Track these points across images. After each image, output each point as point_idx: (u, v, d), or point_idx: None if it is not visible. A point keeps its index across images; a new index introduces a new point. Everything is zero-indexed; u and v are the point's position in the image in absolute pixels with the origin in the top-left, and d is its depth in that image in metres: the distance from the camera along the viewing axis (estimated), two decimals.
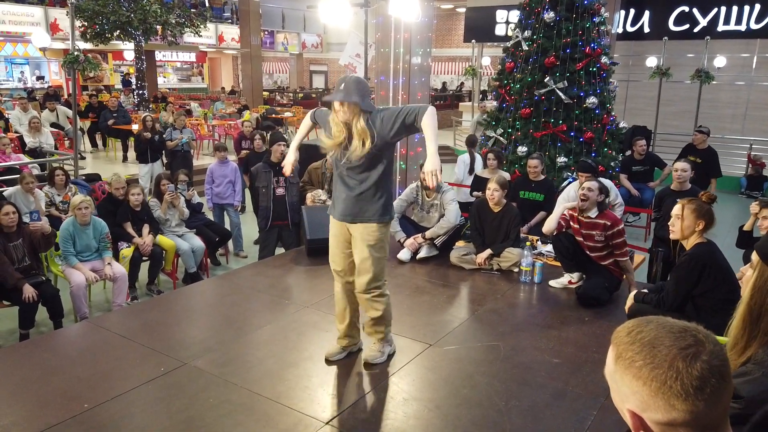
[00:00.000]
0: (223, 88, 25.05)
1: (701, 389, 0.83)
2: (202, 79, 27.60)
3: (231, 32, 21.83)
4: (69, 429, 2.60)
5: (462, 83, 23.65)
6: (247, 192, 8.44)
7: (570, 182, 5.99)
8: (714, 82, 11.46)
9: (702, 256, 3.16)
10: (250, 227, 7.23)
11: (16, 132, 10.15)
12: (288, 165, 3.21)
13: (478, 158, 7.26)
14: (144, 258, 5.36)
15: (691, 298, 3.22)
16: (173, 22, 14.78)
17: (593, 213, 4.13)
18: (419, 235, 4.99)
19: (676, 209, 3.26)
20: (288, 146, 6.55)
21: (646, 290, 3.58)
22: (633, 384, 0.87)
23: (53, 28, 16.61)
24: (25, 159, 8.15)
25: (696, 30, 12.39)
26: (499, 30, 15.19)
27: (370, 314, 3.14)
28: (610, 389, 0.96)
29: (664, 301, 3.28)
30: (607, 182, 5.63)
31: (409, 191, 5.16)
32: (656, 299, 3.35)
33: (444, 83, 24.09)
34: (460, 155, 7.49)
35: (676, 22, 12.66)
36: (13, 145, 8.22)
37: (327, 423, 2.70)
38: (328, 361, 3.25)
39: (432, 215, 5.08)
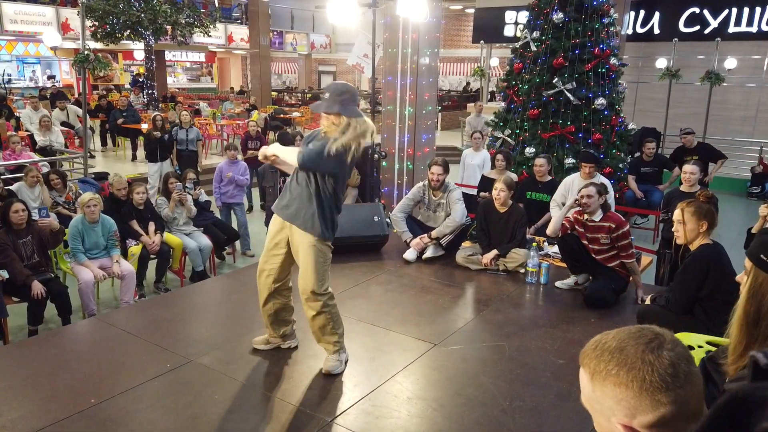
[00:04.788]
0: (231, 88, 25.15)
1: (676, 375, 0.86)
2: (212, 79, 27.72)
3: (240, 32, 21.91)
4: (76, 424, 2.62)
5: (468, 83, 23.63)
6: (255, 191, 8.51)
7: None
8: (724, 84, 11.37)
9: (706, 257, 3.14)
10: (257, 226, 7.26)
11: (26, 130, 10.25)
12: (260, 153, 3.00)
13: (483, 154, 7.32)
14: (152, 256, 5.39)
15: (699, 299, 3.20)
16: (183, 22, 14.86)
17: (597, 216, 4.12)
18: (425, 235, 4.99)
19: (677, 214, 3.25)
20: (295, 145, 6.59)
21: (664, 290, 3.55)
22: (616, 392, 0.89)
23: (64, 28, 16.74)
24: (36, 157, 8.22)
25: (706, 31, 12.30)
26: (508, 31, 15.15)
27: (316, 328, 3.09)
28: (593, 416, 0.96)
29: (671, 302, 3.27)
30: (604, 180, 5.62)
31: (416, 190, 5.17)
32: (664, 300, 3.34)
33: (467, 83, 23.92)
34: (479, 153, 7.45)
35: (687, 24, 12.57)
36: (23, 143, 8.30)
37: (331, 421, 2.71)
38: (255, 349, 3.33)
39: (438, 214, 5.09)
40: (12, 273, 4.31)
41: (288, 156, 2.90)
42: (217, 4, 21.72)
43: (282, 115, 15.62)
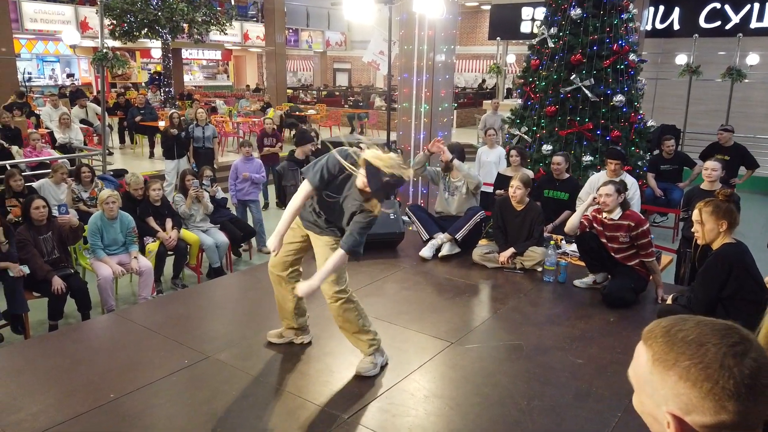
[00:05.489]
0: (247, 85, 25.28)
1: (752, 387, 0.80)
2: (228, 76, 27.88)
3: (256, 30, 22.00)
4: (95, 418, 2.65)
5: (484, 80, 23.52)
6: (271, 188, 8.54)
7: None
8: (746, 81, 11.17)
9: (729, 256, 3.08)
10: (272, 223, 7.27)
11: (46, 128, 10.39)
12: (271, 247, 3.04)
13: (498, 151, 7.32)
14: (169, 252, 5.43)
15: (722, 299, 3.14)
16: (199, 20, 14.95)
17: (616, 214, 4.06)
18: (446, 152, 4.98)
19: (695, 215, 3.19)
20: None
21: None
22: (678, 386, 0.83)
23: (83, 26, 16.93)
24: (55, 154, 8.33)
25: (728, 27, 12.09)
26: (525, 27, 15.05)
27: (344, 326, 3.08)
28: (638, 392, 0.91)
29: (693, 301, 3.22)
30: (630, 179, 5.55)
31: (439, 171, 5.26)
32: (686, 300, 3.29)
33: (483, 80, 23.86)
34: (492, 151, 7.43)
35: (707, 19, 12.37)
36: (44, 140, 8.40)
37: (348, 418, 2.71)
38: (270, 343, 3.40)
39: (455, 197, 5.17)
40: (33, 268, 4.38)
41: (333, 264, 2.86)
42: (233, 2, 21.83)
43: (297, 113, 15.67)
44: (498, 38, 15.68)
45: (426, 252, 4.98)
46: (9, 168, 6.11)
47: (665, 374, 0.84)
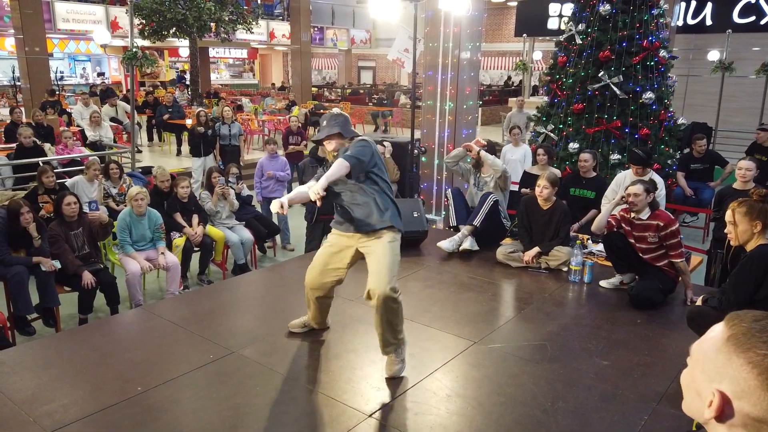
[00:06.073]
0: (273, 84, 25.49)
1: None
2: (253, 75, 28.16)
3: (282, 29, 22.16)
4: (123, 410, 2.70)
5: (509, 77, 23.32)
6: (295, 186, 8.60)
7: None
8: None
9: (765, 257, 2.99)
10: (297, 221, 7.33)
11: (78, 126, 10.63)
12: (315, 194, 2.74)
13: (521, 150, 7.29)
14: (195, 248, 5.51)
15: (755, 302, 3.06)
16: (226, 19, 15.12)
17: (645, 214, 3.98)
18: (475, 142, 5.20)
19: (727, 215, 3.11)
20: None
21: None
22: (742, 369, 0.83)
23: (113, 26, 17.28)
24: (86, 152, 8.52)
25: (762, 22, 11.77)
26: (552, 24, 14.87)
27: (385, 325, 2.96)
28: (692, 367, 0.91)
29: (725, 303, 3.14)
30: (656, 177, 5.44)
31: (470, 167, 5.34)
32: (717, 301, 3.21)
33: (508, 77, 23.76)
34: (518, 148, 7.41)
35: (741, 14, 12.06)
36: (75, 138, 8.60)
37: (370, 416, 2.71)
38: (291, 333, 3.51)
39: (482, 192, 5.18)
40: (64, 263, 4.49)
41: (328, 177, 2.82)
42: (259, 1, 22.02)
43: (322, 111, 15.74)
44: (524, 35, 15.54)
45: (445, 244, 4.94)
46: (42, 165, 6.26)
47: (734, 355, 0.84)
